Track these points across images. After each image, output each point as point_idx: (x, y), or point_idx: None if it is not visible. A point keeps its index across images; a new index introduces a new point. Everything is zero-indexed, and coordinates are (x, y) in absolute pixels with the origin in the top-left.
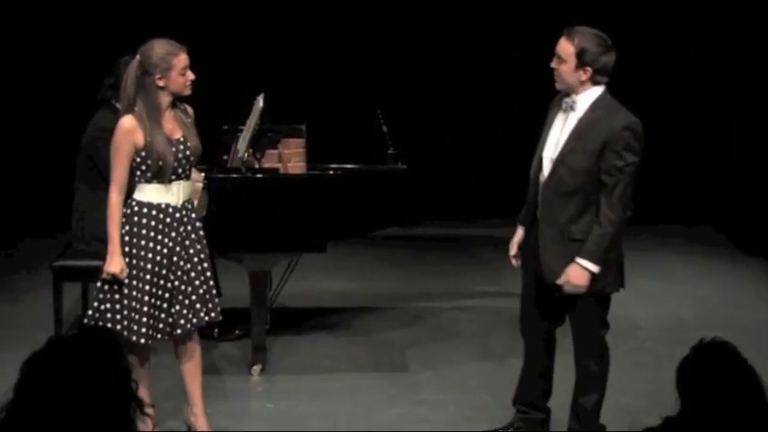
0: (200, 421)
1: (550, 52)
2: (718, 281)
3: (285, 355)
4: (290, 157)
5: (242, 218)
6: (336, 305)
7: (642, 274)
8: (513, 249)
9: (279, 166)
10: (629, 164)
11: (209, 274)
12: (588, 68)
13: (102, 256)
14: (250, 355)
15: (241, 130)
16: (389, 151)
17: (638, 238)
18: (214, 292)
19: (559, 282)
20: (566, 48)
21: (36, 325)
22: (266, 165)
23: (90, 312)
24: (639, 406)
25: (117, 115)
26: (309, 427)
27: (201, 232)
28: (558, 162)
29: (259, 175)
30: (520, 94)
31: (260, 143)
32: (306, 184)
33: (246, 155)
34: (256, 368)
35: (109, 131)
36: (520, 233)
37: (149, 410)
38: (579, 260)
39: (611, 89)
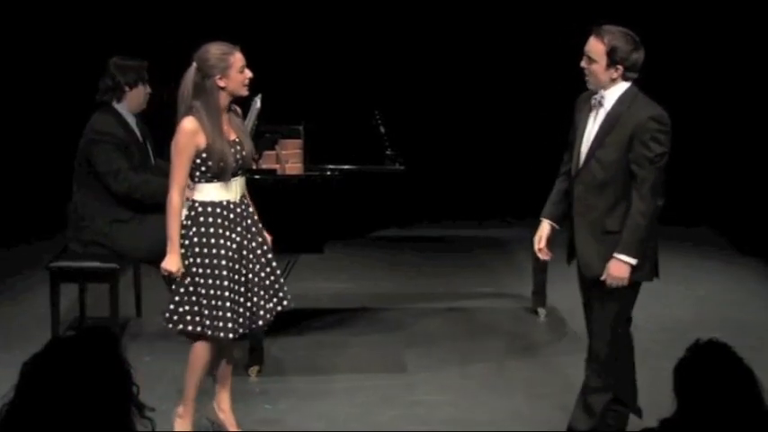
0: (229, 418)
1: (547, 53)
2: (715, 281)
3: (282, 356)
4: (288, 158)
5: None
6: (334, 306)
7: None
8: (542, 242)
9: (276, 166)
10: (657, 154)
11: (274, 264)
12: (619, 66)
13: (99, 257)
14: (247, 356)
15: None
16: (387, 152)
17: None
18: (282, 280)
19: (603, 278)
20: (596, 47)
21: (33, 325)
22: (264, 166)
23: (167, 315)
24: None
25: (114, 117)
26: (307, 428)
27: (260, 224)
28: (590, 156)
29: (256, 176)
30: (518, 95)
31: (257, 144)
32: (303, 184)
33: None
34: (254, 369)
35: (105, 134)
36: (546, 227)
37: (149, 413)
38: (617, 255)
39: None
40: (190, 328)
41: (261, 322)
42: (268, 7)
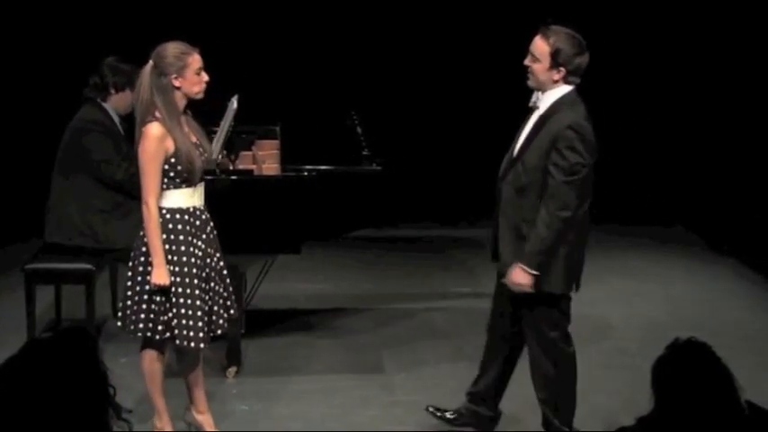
0: (207, 420)
1: (522, 55)
2: (690, 280)
3: (260, 356)
4: (265, 159)
5: (216, 219)
6: (311, 306)
7: (614, 273)
8: None
9: (253, 167)
10: (572, 164)
11: (225, 272)
12: (562, 69)
13: (75, 258)
14: (224, 357)
15: (215, 132)
16: (364, 152)
17: (610, 237)
18: (231, 289)
19: (504, 281)
20: (540, 47)
21: (8, 328)
22: (240, 166)
23: (141, 326)
24: (613, 405)
25: (102, 112)
26: (284, 428)
27: (215, 232)
28: (516, 159)
29: (233, 177)
30: (493, 96)
31: (234, 145)
32: (280, 185)
33: (220, 156)
34: (231, 370)
35: (97, 123)
36: None
37: (126, 415)
38: (518, 261)
39: (583, 89)
40: (157, 336)
41: (220, 331)
42: (246, 8)
